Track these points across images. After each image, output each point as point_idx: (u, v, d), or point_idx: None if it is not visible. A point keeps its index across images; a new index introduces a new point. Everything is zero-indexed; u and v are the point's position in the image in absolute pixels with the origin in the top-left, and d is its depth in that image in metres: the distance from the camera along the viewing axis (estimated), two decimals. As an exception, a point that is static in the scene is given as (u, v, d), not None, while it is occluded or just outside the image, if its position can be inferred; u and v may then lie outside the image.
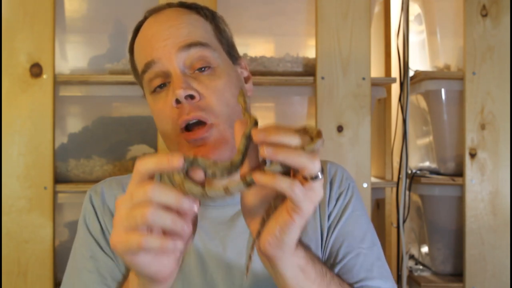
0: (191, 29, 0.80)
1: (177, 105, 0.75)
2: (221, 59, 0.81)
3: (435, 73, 1.54)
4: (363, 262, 0.77)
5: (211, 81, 0.77)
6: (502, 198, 1.46)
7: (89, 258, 0.79)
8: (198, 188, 0.53)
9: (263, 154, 0.51)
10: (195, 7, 0.85)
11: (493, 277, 1.45)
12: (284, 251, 0.57)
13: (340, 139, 1.42)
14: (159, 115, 0.79)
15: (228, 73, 0.81)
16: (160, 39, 0.78)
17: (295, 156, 0.51)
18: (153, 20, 0.83)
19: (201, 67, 0.78)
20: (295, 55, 1.48)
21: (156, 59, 0.77)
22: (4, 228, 1.36)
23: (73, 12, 1.50)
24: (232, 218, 0.81)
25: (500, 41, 1.47)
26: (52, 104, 1.38)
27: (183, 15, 0.82)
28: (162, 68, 0.77)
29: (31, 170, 1.37)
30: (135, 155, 1.49)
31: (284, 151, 0.51)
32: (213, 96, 0.76)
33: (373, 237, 0.82)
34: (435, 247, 1.58)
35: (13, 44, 1.37)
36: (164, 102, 0.78)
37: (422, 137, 1.69)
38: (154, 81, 0.79)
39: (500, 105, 1.46)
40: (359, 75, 1.42)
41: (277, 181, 0.52)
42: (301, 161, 0.52)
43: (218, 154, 0.75)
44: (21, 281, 1.35)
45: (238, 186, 0.53)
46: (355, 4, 1.42)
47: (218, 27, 0.85)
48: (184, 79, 0.76)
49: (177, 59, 0.77)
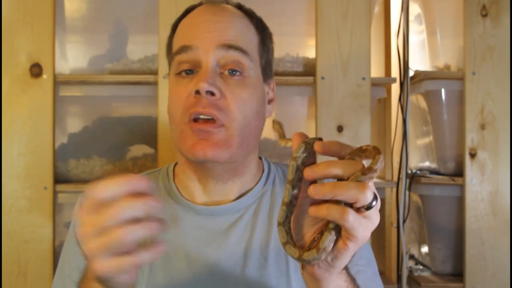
0: (238, 33, 0.80)
1: (196, 95, 0.75)
2: (254, 71, 0.81)
3: (435, 73, 1.54)
4: (363, 279, 0.76)
5: (237, 88, 0.77)
6: (502, 198, 1.46)
7: (76, 268, 0.79)
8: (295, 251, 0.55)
9: (310, 193, 0.51)
10: (249, 14, 0.86)
11: (493, 277, 1.45)
12: (331, 274, 0.57)
13: (340, 139, 1.41)
14: (175, 98, 0.79)
15: (255, 87, 0.81)
16: (206, 29, 0.78)
17: (342, 191, 0.51)
18: (206, 8, 0.83)
19: (233, 70, 0.78)
20: (295, 55, 1.48)
21: (194, 46, 0.78)
22: (4, 228, 1.36)
23: (73, 12, 1.50)
24: (228, 228, 0.80)
25: (500, 41, 1.47)
26: (52, 104, 1.38)
27: (236, 17, 0.82)
28: (196, 57, 0.77)
29: (31, 170, 1.37)
30: (135, 155, 1.49)
31: (329, 189, 0.51)
32: (234, 101, 0.76)
33: (369, 254, 0.83)
34: (435, 247, 1.58)
35: (13, 44, 1.38)
36: (184, 88, 0.77)
37: (422, 137, 1.69)
38: (183, 65, 0.79)
39: (500, 105, 1.46)
40: (359, 75, 1.42)
41: (329, 211, 0.51)
42: (350, 194, 0.51)
43: (216, 153, 0.74)
44: (21, 281, 1.35)
45: (312, 256, 0.54)
46: (355, 4, 1.42)
47: (264, 41, 0.86)
48: (211, 74, 0.76)
49: (213, 54, 0.77)
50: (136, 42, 1.53)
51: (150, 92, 1.43)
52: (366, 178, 0.51)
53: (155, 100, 1.40)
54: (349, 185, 0.51)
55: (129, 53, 1.50)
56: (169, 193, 0.85)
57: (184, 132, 0.76)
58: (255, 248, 0.78)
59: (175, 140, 0.79)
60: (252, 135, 0.80)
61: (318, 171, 0.52)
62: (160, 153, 1.39)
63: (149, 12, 1.47)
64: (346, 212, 0.51)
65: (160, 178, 0.88)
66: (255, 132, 0.81)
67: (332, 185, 0.51)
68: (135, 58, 1.47)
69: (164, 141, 1.39)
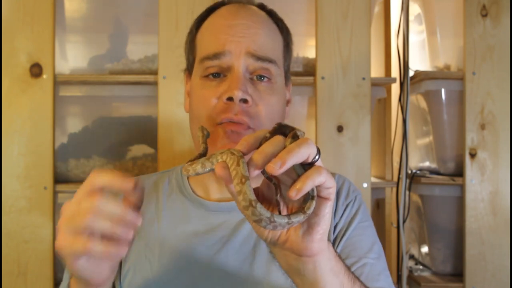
0: (267, 40, 0.81)
1: (227, 102, 0.76)
2: (280, 77, 0.84)
3: (435, 73, 1.54)
4: (370, 272, 0.77)
5: (267, 94, 0.79)
6: (502, 198, 1.46)
7: None
8: (267, 213, 0.51)
9: (293, 196, 0.49)
10: (274, 15, 0.87)
11: (493, 277, 1.45)
12: (324, 243, 0.56)
13: (340, 139, 1.41)
14: (201, 100, 0.80)
15: (281, 92, 0.84)
16: (238, 34, 0.79)
17: (295, 154, 0.50)
18: (233, 10, 0.83)
19: (262, 76, 0.80)
20: (295, 55, 1.48)
21: (227, 52, 0.78)
22: (4, 228, 1.36)
23: (73, 12, 1.50)
24: (237, 224, 0.81)
25: (500, 41, 1.47)
26: (52, 104, 1.38)
27: (264, 21, 0.84)
28: (228, 62, 0.79)
29: (31, 170, 1.37)
30: (135, 155, 1.49)
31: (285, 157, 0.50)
32: (264, 108, 0.78)
33: (379, 249, 0.82)
34: (435, 247, 1.58)
35: (13, 44, 1.37)
36: (212, 91, 0.79)
37: (422, 137, 1.69)
38: (211, 68, 0.80)
39: (500, 105, 1.46)
40: (359, 75, 1.42)
41: (309, 179, 0.50)
42: (302, 152, 0.50)
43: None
44: (21, 281, 1.35)
45: (298, 217, 0.52)
46: (355, 4, 1.42)
47: (287, 44, 0.88)
48: (244, 81, 0.77)
49: (244, 60, 0.78)
50: (136, 42, 1.53)
51: (150, 92, 1.43)
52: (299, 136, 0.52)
53: (155, 100, 1.40)
54: (295, 148, 0.50)
55: (129, 53, 1.50)
56: (181, 190, 0.87)
57: (214, 134, 0.77)
58: (264, 244, 0.79)
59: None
60: None
61: (302, 183, 0.50)
62: (160, 153, 1.38)
63: (149, 12, 1.47)
64: (319, 168, 0.51)
65: (173, 175, 0.91)
66: None
67: (285, 159, 0.49)
68: (135, 58, 1.47)
69: (164, 141, 1.39)
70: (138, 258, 0.81)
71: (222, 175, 0.52)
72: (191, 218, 0.83)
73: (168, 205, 0.86)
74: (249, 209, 0.50)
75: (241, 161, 0.52)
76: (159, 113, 1.38)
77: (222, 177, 0.52)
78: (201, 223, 0.82)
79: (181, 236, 0.81)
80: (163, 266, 0.79)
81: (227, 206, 0.83)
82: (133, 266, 0.81)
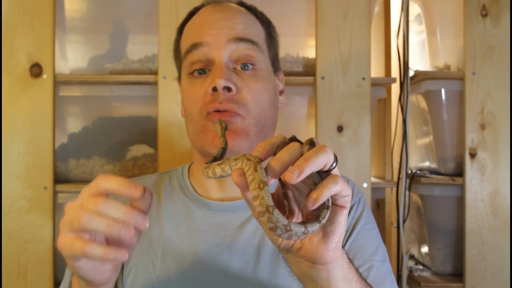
0: (246, 26, 0.82)
1: (213, 93, 0.77)
2: (265, 63, 0.83)
3: (435, 73, 1.54)
4: (376, 275, 0.76)
5: (251, 81, 0.80)
6: (502, 198, 1.46)
7: None
8: (285, 220, 0.49)
9: (310, 206, 0.49)
10: (253, 9, 0.88)
11: (493, 277, 1.45)
12: (339, 250, 0.55)
13: (340, 139, 1.41)
14: (191, 97, 0.81)
15: (268, 79, 0.83)
16: (214, 27, 0.80)
17: (313, 162, 0.49)
18: (211, 9, 0.85)
19: (245, 63, 0.80)
20: (295, 55, 1.48)
21: (205, 42, 0.79)
22: (4, 228, 1.36)
23: (73, 12, 1.50)
24: (241, 224, 0.81)
25: (500, 41, 1.47)
26: (52, 104, 1.38)
27: (241, 13, 0.84)
28: (208, 54, 0.79)
29: (31, 170, 1.37)
30: (135, 155, 1.49)
31: (303, 165, 0.49)
32: (249, 95, 0.78)
33: (384, 251, 0.82)
34: (435, 247, 1.58)
35: (13, 44, 1.37)
36: (199, 87, 0.79)
37: (422, 137, 1.69)
38: (195, 64, 0.81)
39: (500, 105, 1.46)
40: (359, 75, 1.42)
41: (326, 189, 0.50)
42: (320, 160, 0.50)
43: (237, 143, 0.77)
44: (21, 281, 1.35)
45: (314, 226, 0.51)
46: (355, 4, 1.42)
47: (270, 34, 0.88)
48: (226, 70, 0.78)
49: (225, 50, 0.79)
50: (136, 42, 1.53)
51: (150, 92, 1.43)
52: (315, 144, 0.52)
53: (155, 100, 1.40)
54: (313, 156, 0.49)
55: (129, 53, 1.50)
56: (183, 190, 0.87)
57: (205, 126, 0.78)
58: (268, 244, 0.79)
59: (195, 137, 0.81)
60: (269, 125, 0.82)
61: (318, 192, 0.50)
62: (160, 153, 1.38)
63: (149, 12, 1.47)
64: (335, 177, 0.51)
65: (175, 176, 0.91)
66: (272, 123, 0.84)
67: (303, 168, 0.48)
68: (135, 58, 1.47)
69: (164, 141, 1.39)
70: (140, 258, 0.81)
71: (239, 182, 0.51)
72: (194, 218, 0.83)
73: (170, 205, 0.86)
74: (265, 215, 0.49)
75: (259, 167, 0.50)
76: (159, 113, 1.38)
77: (238, 184, 0.51)
78: (203, 223, 0.82)
79: (184, 235, 0.81)
80: (166, 265, 0.79)
81: (230, 206, 0.83)
82: (135, 265, 0.81)
